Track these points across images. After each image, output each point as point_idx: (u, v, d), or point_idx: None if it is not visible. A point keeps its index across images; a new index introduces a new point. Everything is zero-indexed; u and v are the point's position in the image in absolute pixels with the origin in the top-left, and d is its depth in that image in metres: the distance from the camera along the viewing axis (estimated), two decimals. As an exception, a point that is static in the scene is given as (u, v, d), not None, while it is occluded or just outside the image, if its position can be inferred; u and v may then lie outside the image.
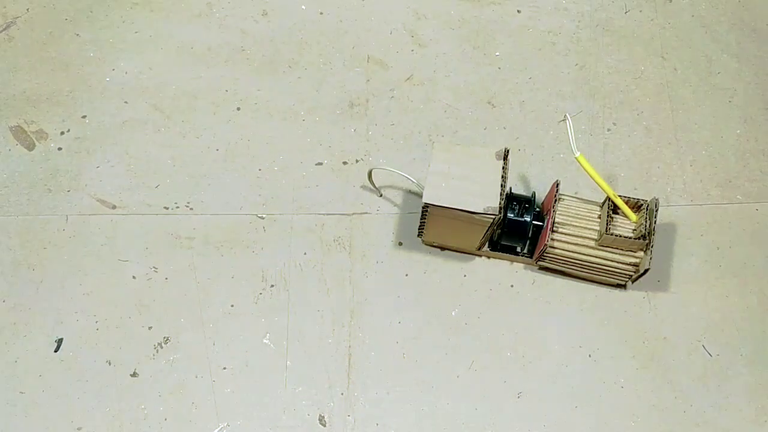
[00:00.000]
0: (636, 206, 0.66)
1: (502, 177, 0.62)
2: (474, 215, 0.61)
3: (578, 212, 0.68)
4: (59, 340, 0.70)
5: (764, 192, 0.79)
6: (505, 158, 0.63)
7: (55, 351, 0.69)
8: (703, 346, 0.72)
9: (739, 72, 0.86)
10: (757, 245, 0.77)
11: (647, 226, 0.65)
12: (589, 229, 0.67)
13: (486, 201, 0.61)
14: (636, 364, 0.71)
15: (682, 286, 0.74)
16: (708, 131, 0.83)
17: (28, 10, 0.87)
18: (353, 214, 0.77)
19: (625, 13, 0.90)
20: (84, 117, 0.81)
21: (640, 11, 0.90)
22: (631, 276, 0.68)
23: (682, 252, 0.76)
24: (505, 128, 0.82)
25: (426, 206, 0.63)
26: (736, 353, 0.71)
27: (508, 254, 0.73)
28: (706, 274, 0.75)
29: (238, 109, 0.82)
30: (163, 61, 0.85)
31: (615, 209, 0.67)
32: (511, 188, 0.69)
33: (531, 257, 0.72)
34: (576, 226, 0.67)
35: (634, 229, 0.66)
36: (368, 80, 0.84)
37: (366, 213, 0.77)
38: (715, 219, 0.78)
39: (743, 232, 0.77)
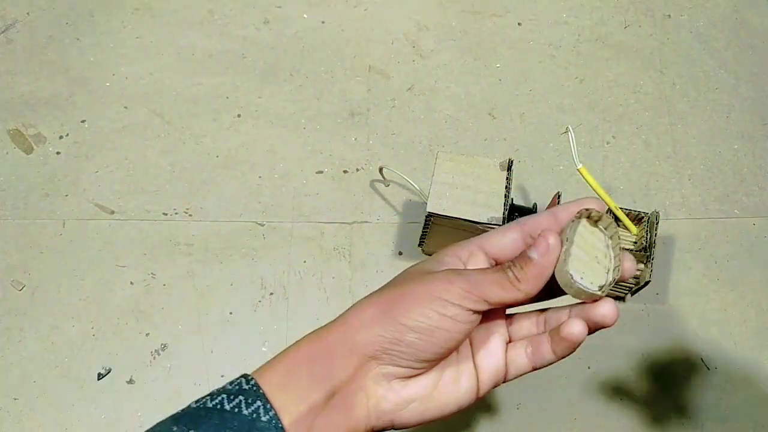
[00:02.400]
0: (637, 219, 0.67)
1: (506, 188, 0.63)
2: (478, 225, 0.61)
3: (579, 224, 0.68)
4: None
5: (761, 207, 0.80)
6: (509, 169, 0.64)
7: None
8: (701, 359, 0.72)
9: (736, 88, 0.87)
10: (754, 259, 0.77)
11: (648, 238, 0.65)
12: (590, 240, 0.67)
13: (490, 211, 0.61)
14: (635, 376, 0.71)
15: (680, 299, 0.75)
16: (706, 146, 0.83)
17: (28, 13, 0.87)
18: (353, 222, 0.77)
19: (625, 28, 0.91)
20: (83, 121, 0.81)
21: (640, 26, 0.91)
22: (632, 288, 0.69)
23: (680, 265, 0.76)
24: (505, 140, 0.82)
25: (429, 216, 0.63)
26: (735, 366, 0.72)
27: (508, 265, 0.73)
28: (704, 287, 0.75)
29: (239, 116, 0.82)
30: (164, 66, 0.85)
31: (616, 222, 0.67)
32: (513, 199, 0.69)
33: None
34: (577, 237, 0.67)
35: (635, 242, 0.66)
36: (369, 89, 0.85)
37: (366, 222, 0.77)
38: (713, 233, 0.78)
39: (741, 246, 0.78)
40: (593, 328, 0.39)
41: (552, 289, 0.39)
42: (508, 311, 0.44)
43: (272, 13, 0.89)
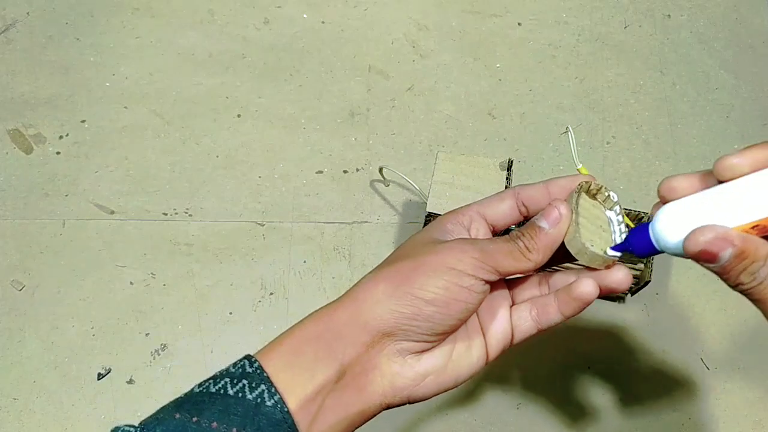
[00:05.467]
0: (637, 219, 0.67)
1: (506, 188, 0.63)
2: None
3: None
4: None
5: (761, 207, 0.80)
6: (509, 169, 0.64)
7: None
8: (701, 359, 0.72)
9: (736, 88, 0.87)
10: (754, 259, 0.77)
11: (648, 238, 0.65)
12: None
13: (490, 211, 0.61)
14: (634, 376, 0.71)
15: (680, 300, 0.75)
16: (706, 146, 0.83)
17: (28, 13, 0.87)
18: (353, 222, 0.77)
19: (625, 28, 0.91)
20: (83, 121, 0.81)
21: (640, 26, 0.91)
22: (632, 288, 0.69)
23: (680, 265, 0.76)
24: (505, 140, 0.82)
25: (429, 216, 0.63)
26: (734, 366, 0.72)
27: (508, 265, 0.73)
28: (704, 287, 0.75)
29: (239, 116, 0.82)
30: (164, 66, 0.85)
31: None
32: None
33: (531, 268, 0.72)
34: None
35: (635, 242, 0.66)
36: (369, 89, 0.85)
37: (366, 222, 0.77)
38: (712, 233, 0.78)
39: (741, 246, 0.78)
40: (605, 293, 0.39)
41: (552, 258, 0.39)
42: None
43: (272, 13, 0.89)
